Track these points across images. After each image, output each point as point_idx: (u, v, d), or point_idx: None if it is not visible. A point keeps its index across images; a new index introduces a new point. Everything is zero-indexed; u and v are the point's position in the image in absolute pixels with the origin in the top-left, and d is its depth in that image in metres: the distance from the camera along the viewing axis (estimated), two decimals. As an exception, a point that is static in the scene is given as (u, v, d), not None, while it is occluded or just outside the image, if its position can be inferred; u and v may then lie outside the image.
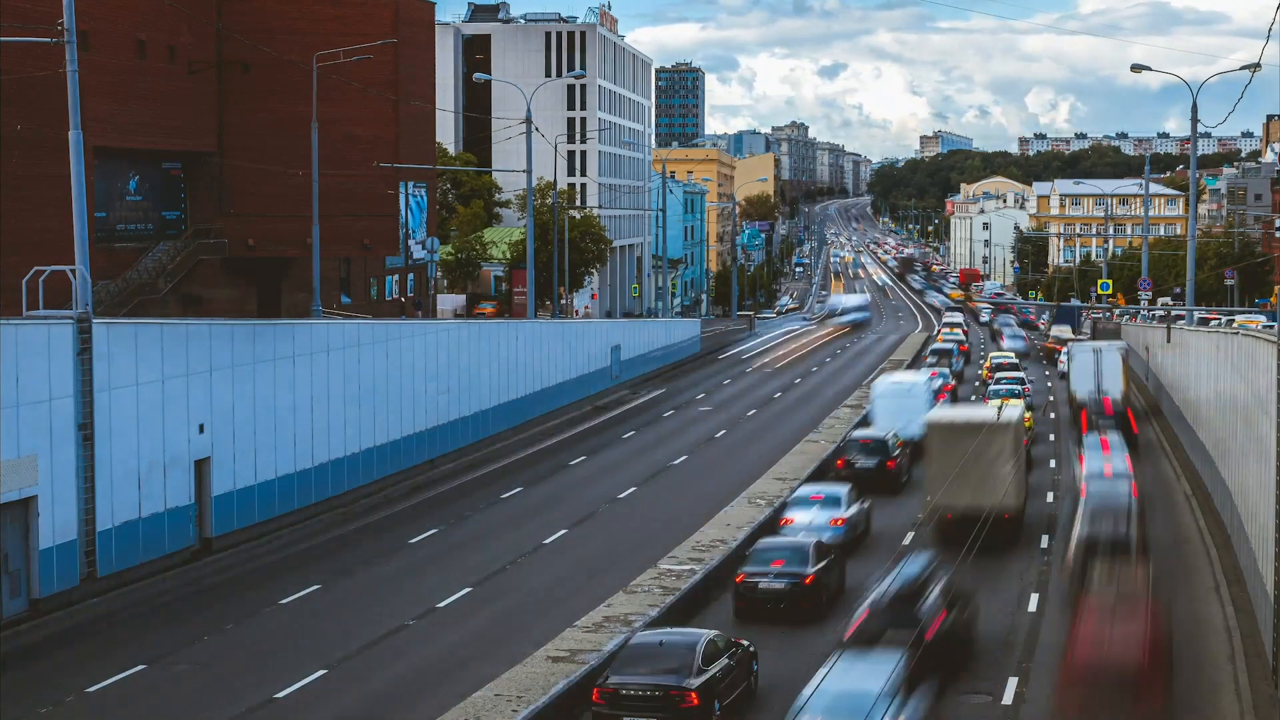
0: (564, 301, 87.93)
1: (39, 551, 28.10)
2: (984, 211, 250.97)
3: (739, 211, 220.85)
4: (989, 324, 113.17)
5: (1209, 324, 56.33)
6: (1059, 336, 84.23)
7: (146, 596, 29.99)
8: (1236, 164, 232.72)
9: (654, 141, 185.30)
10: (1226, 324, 53.75)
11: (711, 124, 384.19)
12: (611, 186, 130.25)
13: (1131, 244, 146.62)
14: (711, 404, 60.46)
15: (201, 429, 33.21)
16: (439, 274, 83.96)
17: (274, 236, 48.79)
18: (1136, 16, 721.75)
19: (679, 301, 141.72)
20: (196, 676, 24.53)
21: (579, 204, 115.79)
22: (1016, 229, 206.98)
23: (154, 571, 31.35)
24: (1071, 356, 53.30)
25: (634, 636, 23.07)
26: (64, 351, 28.86)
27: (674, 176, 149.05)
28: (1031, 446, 40.97)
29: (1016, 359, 69.18)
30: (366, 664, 24.93)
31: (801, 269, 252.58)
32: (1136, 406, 54.37)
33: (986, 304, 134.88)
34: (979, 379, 68.18)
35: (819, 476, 39.06)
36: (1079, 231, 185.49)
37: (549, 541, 34.33)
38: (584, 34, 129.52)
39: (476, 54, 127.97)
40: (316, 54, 44.01)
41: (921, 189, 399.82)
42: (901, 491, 38.47)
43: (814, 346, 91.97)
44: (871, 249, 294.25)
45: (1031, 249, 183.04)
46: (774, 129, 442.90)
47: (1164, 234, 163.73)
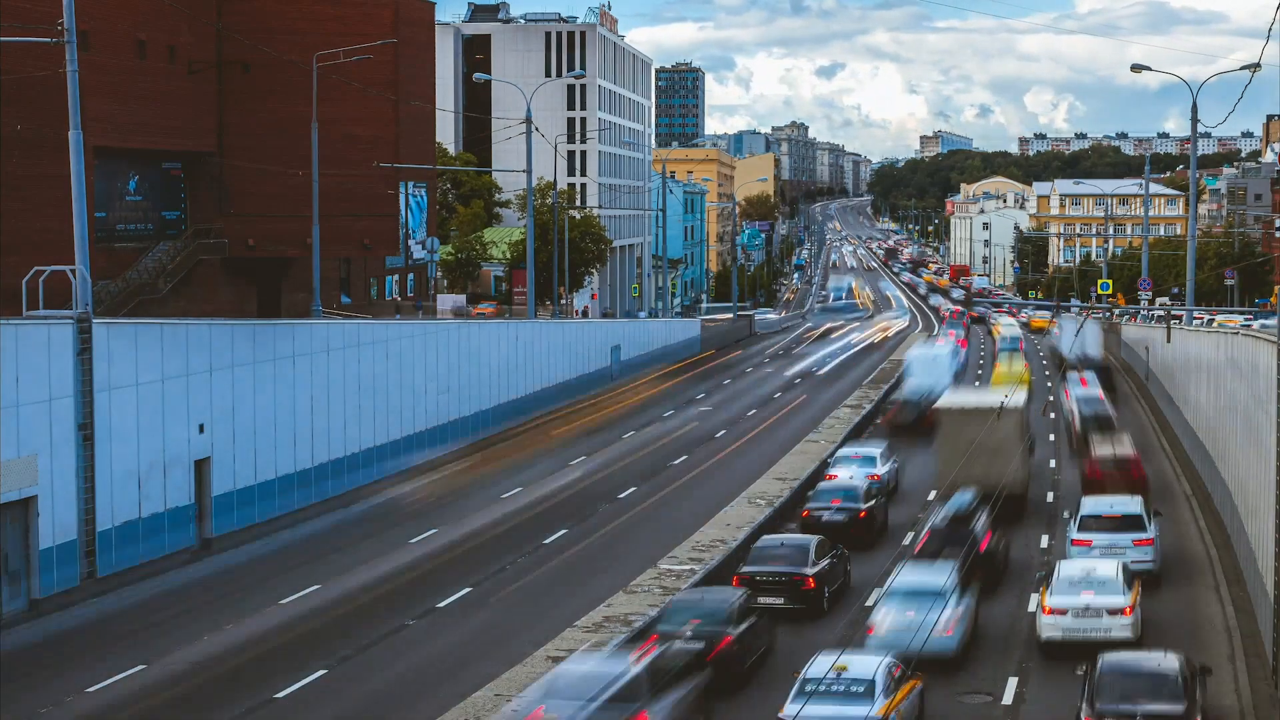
0: (564, 301, 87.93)
1: (39, 551, 28.12)
2: (984, 211, 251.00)
3: (739, 211, 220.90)
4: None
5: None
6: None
7: (146, 597, 30.00)
8: (1236, 164, 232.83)
9: (654, 141, 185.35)
10: (1206, 324, 59.74)
11: (709, 124, 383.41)
12: (611, 186, 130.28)
13: (1131, 244, 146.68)
14: (711, 403, 60.43)
15: (201, 429, 33.23)
16: (439, 274, 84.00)
17: (274, 236, 48.77)
18: (1134, 16, 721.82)
19: (679, 301, 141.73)
20: (196, 676, 24.53)
21: (579, 204, 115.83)
22: (1016, 229, 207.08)
23: (154, 571, 31.36)
24: (1061, 327, 68.60)
25: (760, 539, 29.46)
26: (64, 351, 28.87)
27: (674, 176, 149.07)
28: (1030, 401, 45.30)
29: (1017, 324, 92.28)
30: (366, 664, 24.93)
31: (799, 273, 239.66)
32: (1112, 366, 67.13)
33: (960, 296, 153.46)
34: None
35: (819, 477, 39.19)
36: (1079, 231, 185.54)
37: (549, 541, 34.33)
38: (584, 34, 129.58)
39: (476, 54, 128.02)
40: (316, 54, 44.01)
41: (921, 189, 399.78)
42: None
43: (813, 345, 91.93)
44: (877, 253, 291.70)
45: (1031, 249, 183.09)
46: (774, 129, 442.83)
47: (1164, 234, 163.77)
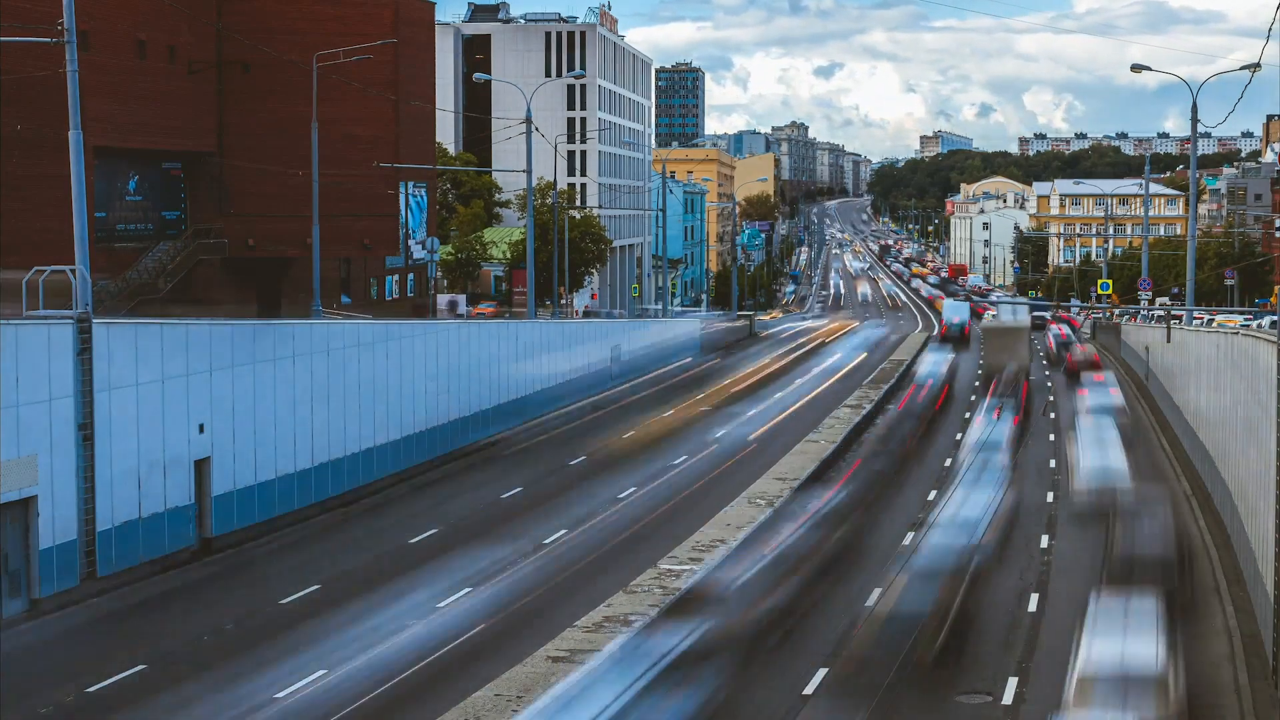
0: (564, 301, 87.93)
1: (39, 551, 28.09)
2: (984, 211, 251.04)
3: (739, 211, 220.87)
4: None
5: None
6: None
7: (146, 597, 29.99)
8: (1236, 164, 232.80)
9: (654, 141, 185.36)
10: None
11: (707, 123, 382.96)
12: (611, 186, 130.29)
13: (1131, 244, 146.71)
14: (710, 403, 60.35)
15: (201, 429, 33.21)
16: (439, 274, 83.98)
17: (274, 236, 48.82)
18: (1132, 15, 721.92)
19: (679, 302, 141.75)
20: (196, 676, 24.52)
21: (579, 204, 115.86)
22: (1016, 229, 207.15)
23: (154, 571, 31.33)
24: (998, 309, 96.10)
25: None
26: (64, 351, 28.86)
27: (674, 176, 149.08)
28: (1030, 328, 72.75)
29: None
30: (366, 664, 24.91)
31: (795, 282, 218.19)
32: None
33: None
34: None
35: (820, 476, 39.22)
36: (1079, 231, 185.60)
37: (549, 541, 34.31)
38: (584, 34, 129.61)
39: (476, 54, 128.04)
40: (316, 54, 44.02)
41: (921, 189, 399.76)
42: None
43: (813, 346, 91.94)
44: (882, 260, 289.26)
45: (1031, 249, 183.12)
46: (774, 129, 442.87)
47: (1164, 234, 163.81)
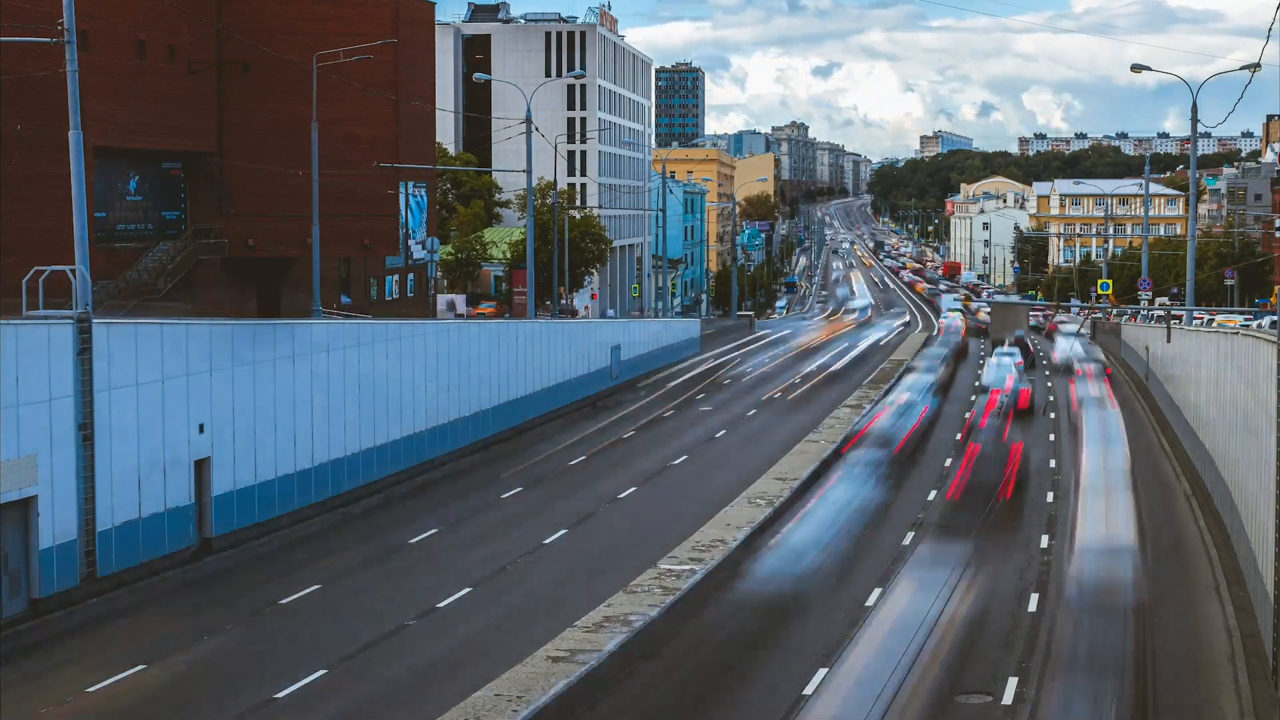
0: (564, 301, 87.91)
1: (39, 551, 28.08)
2: (984, 211, 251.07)
3: (739, 211, 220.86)
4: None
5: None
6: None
7: (147, 597, 29.99)
8: (1236, 164, 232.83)
9: (654, 141, 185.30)
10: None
11: (705, 123, 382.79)
12: (611, 186, 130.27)
13: (1131, 244, 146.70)
14: (711, 404, 60.42)
15: (201, 429, 33.21)
16: (439, 274, 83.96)
17: (274, 236, 48.76)
18: (1130, 15, 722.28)
19: (679, 301, 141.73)
20: (196, 676, 24.52)
21: (579, 204, 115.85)
22: (1016, 229, 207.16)
23: (154, 571, 31.32)
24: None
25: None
26: (64, 351, 28.85)
27: (674, 176, 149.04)
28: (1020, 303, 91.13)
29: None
30: (366, 664, 24.91)
31: (791, 289, 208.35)
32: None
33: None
34: None
35: (820, 477, 39.30)
36: (1079, 231, 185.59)
37: (549, 541, 34.31)
38: (584, 34, 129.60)
39: (476, 54, 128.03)
40: (316, 54, 43.98)
41: (922, 189, 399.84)
42: None
43: (814, 346, 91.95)
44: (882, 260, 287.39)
45: (1031, 249, 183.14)
46: (774, 129, 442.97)
47: (1164, 234, 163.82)
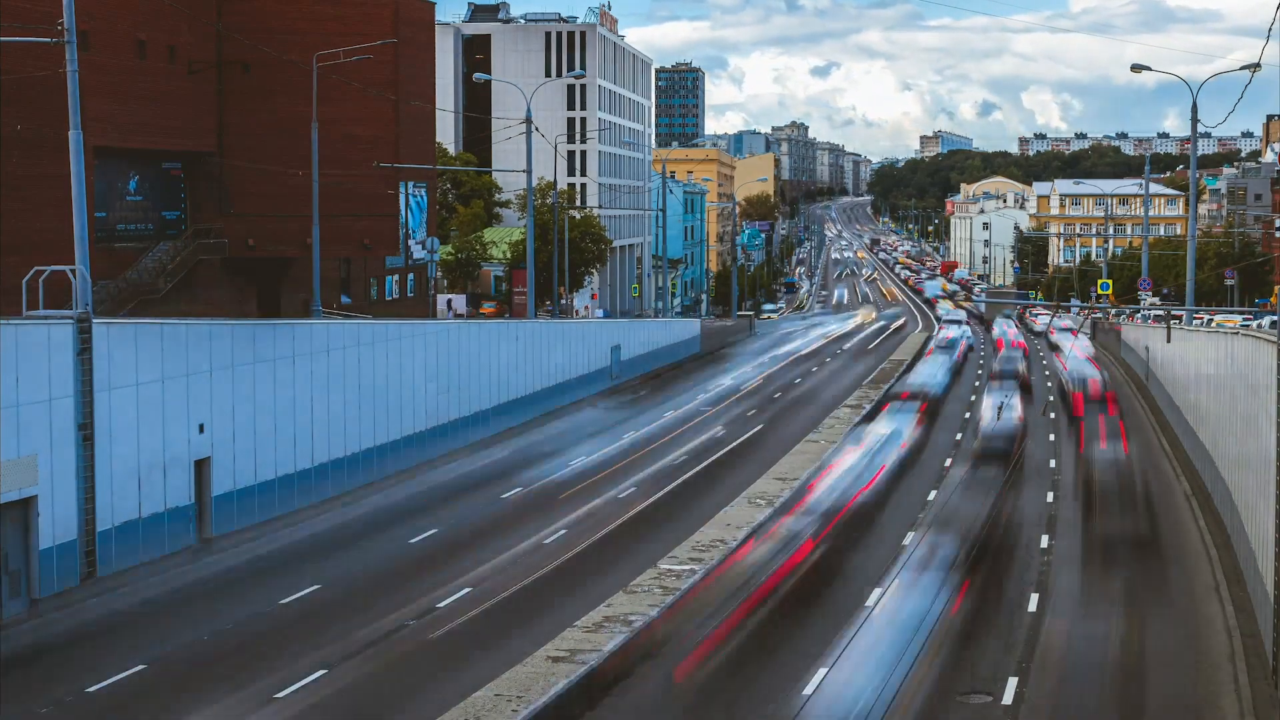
0: (564, 301, 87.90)
1: (39, 551, 28.11)
2: (984, 211, 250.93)
3: (739, 211, 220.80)
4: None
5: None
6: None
7: (146, 597, 29.99)
8: (1236, 164, 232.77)
9: (654, 141, 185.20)
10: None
11: (704, 123, 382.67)
12: (611, 186, 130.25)
13: (1131, 244, 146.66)
14: (711, 404, 60.41)
15: (201, 429, 33.22)
16: (439, 274, 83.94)
17: (274, 236, 48.74)
18: (1128, 15, 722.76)
19: (679, 302, 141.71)
20: (196, 676, 24.52)
21: (579, 204, 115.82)
22: (1016, 229, 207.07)
23: (154, 571, 31.34)
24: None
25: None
26: (64, 351, 28.86)
27: (674, 176, 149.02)
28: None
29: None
30: (366, 664, 24.91)
31: (791, 289, 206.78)
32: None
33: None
34: None
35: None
36: (1079, 231, 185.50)
37: (549, 541, 34.32)
38: (584, 34, 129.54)
39: (476, 54, 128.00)
40: (316, 54, 43.99)
41: (922, 189, 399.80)
42: None
43: (815, 347, 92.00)
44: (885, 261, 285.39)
45: (1031, 249, 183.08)
46: (774, 129, 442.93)
47: (1164, 234, 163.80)
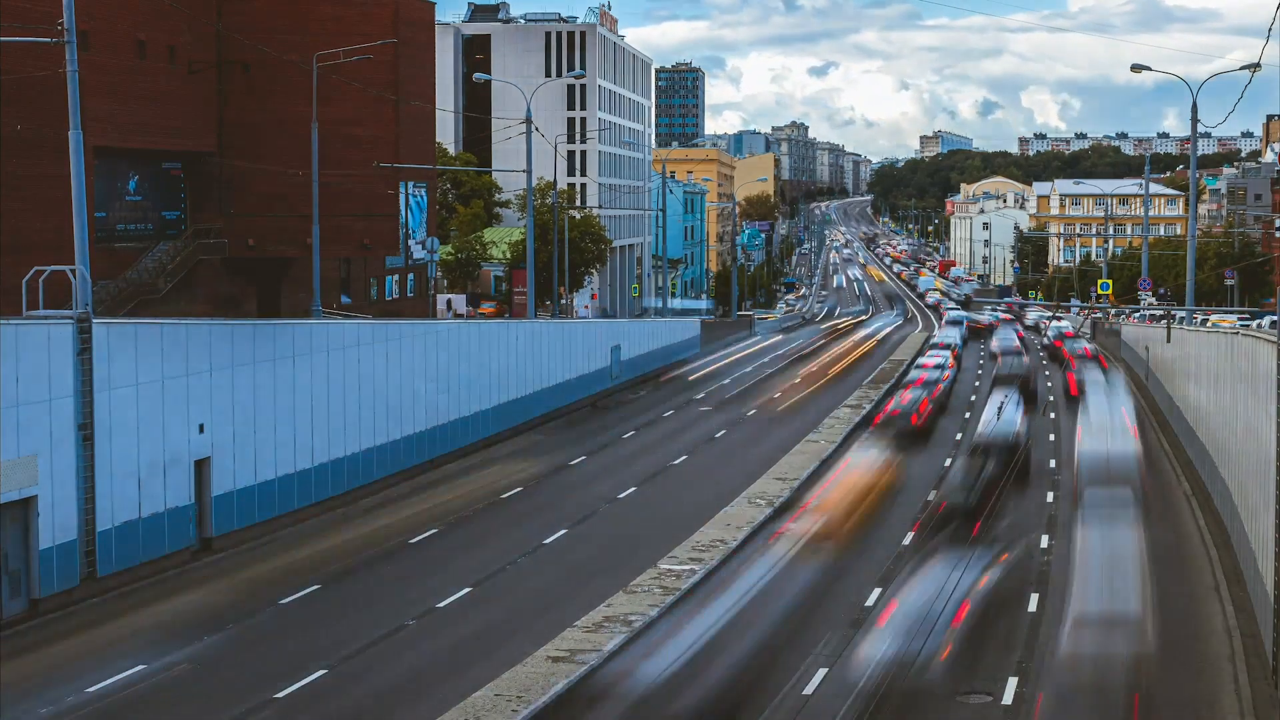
0: (564, 301, 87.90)
1: (39, 551, 28.09)
2: (984, 211, 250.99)
3: (739, 211, 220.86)
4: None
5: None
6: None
7: (147, 597, 29.99)
8: (1236, 164, 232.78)
9: (654, 141, 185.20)
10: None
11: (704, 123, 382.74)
12: (611, 186, 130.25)
13: (1131, 244, 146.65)
14: (711, 404, 60.43)
15: (201, 429, 33.21)
16: (439, 274, 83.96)
17: (274, 236, 48.72)
18: (1126, 14, 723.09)
19: (680, 300, 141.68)
20: (196, 676, 24.53)
21: (579, 204, 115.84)
22: (1016, 229, 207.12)
23: (154, 572, 31.34)
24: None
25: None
26: (64, 351, 28.85)
27: (674, 176, 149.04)
28: None
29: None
30: (366, 664, 24.92)
31: (791, 289, 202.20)
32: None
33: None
34: None
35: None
36: (1079, 231, 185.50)
37: (549, 541, 34.32)
38: (584, 34, 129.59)
39: (476, 54, 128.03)
40: (316, 54, 43.97)
41: (921, 189, 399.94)
42: None
43: (814, 346, 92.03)
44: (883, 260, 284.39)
45: (1031, 249, 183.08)
46: (774, 129, 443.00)
47: (1164, 234, 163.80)
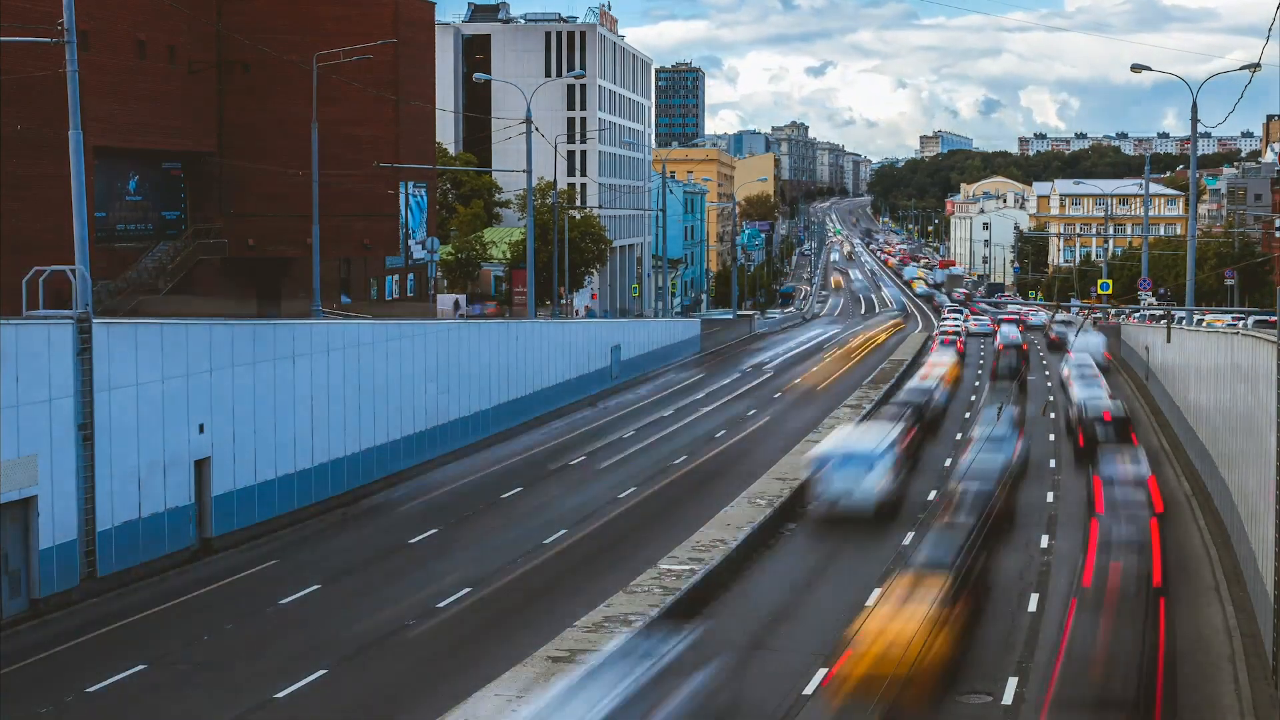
0: (564, 301, 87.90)
1: (39, 551, 28.10)
2: (984, 211, 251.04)
3: (739, 211, 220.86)
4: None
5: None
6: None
7: (146, 597, 30.00)
8: (1236, 164, 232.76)
9: (654, 141, 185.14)
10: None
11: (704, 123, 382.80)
12: (611, 186, 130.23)
13: (1131, 244, 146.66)
14: (711, 404, 60.42)
15: (201, 429, 33.22)
16: (439, 274, 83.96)
17: (274, 236, 48.80)
18: (1124, 13, 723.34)
19: (679, 302, 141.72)
20: (196, 676, 24.53)
21: (579, 204, 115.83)
22: (1016, 229, 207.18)
23: (154, 571, 31.35)
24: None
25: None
26: (64, 351, 28.86)
27: (674, 176, 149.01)
28: None
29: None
30: (366, 664, 24.92)
31: (786, 300, 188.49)
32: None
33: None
34: None
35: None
36: (1079, 231, 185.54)
37: (549, 541, 34.31)
38: (584, 34, 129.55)
39: (476, 54, 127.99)
40: (316, 54, 44.00)
41: (922, 189, 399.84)
42: None
43: (815, 344, 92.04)
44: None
45: (1031, 249, 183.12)
46: (774, 129, 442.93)
47: (1164, 234, 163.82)
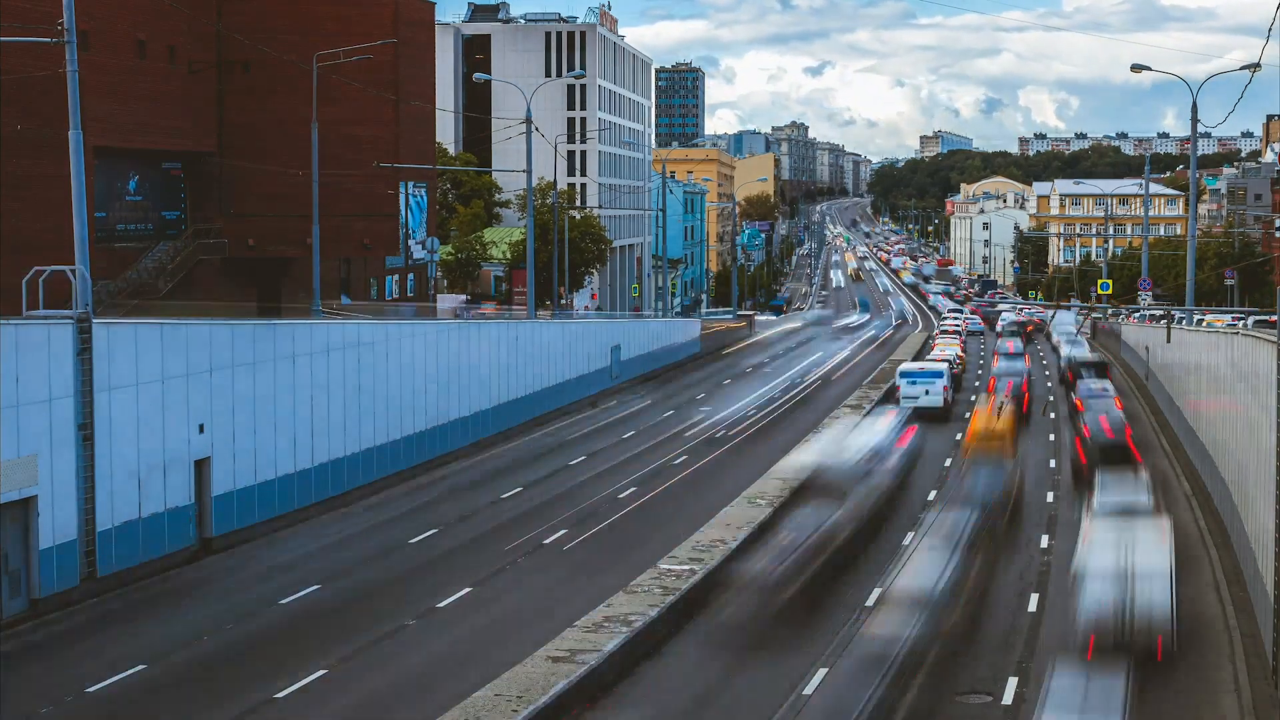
0: (564, 301, 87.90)
1: (39, 551, 28.09)
2: (984, 211, 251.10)
3: (739, 211, 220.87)
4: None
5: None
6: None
7: (146, 597, 30.00)
8: (1236, 164, 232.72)
9: (654, 141, 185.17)
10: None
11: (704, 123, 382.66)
12: (611, 186, 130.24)
13: (1131, 244, 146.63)
14: (712, 403, 60.43)
15: (201, 429, 33.21)
16: (439, 274, 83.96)
17: (274, 236, 48.80)
18: (1122, 13, 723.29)
19: (679, 302, 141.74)
20: (196, 676, 24.53)
21: (579, 204, 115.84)
22: (1016, 229, 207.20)
23: (154, 571, 31.34)
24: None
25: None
26: (64, 351, 28.85)
27: (674, 176, 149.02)
28: None
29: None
30: (366, 664, 24.91)
31: (778, 313, 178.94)
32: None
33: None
34: None
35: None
36: (1079, 231, 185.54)
37: (549, 541, 34.32)
38: (584, 34, 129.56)
39: (476, 54, 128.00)
40: (316, 54, 43.99)
41: (922, 189, 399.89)
42: None
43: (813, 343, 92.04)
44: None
45: (1031, 249, 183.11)
46: (774, 129, 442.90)
47: (1164, 234, 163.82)
